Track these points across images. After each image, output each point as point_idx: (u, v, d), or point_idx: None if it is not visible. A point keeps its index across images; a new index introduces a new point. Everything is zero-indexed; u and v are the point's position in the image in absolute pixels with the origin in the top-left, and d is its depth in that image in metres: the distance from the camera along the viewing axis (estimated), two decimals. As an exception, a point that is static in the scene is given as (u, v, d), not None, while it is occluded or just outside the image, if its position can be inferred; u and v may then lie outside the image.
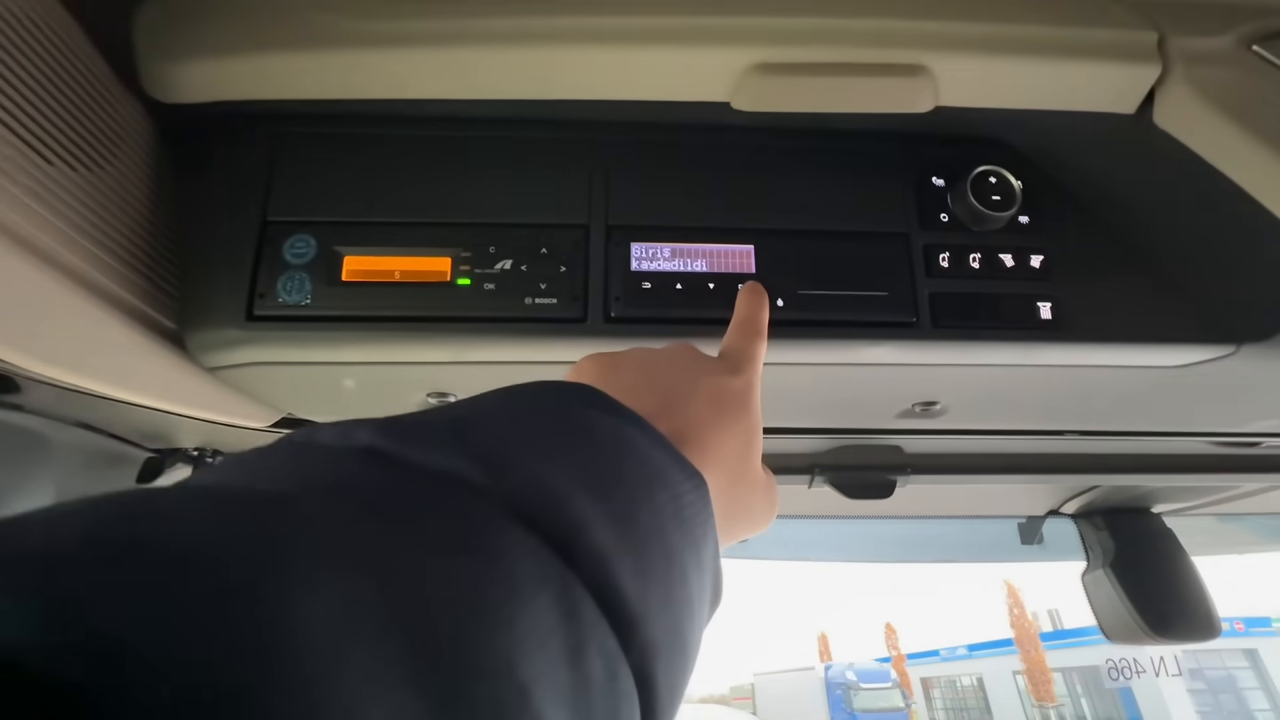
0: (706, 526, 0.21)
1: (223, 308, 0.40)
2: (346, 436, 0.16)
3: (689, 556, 0.19)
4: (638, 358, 0.29)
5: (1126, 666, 12.44)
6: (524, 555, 0.14)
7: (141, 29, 0.40)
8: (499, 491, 0.15)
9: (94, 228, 0.36)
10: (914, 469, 0.66)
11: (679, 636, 0.17)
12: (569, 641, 0.13)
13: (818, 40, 0.39)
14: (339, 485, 0.14)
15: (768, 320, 0.34)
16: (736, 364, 0.30)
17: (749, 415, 0.29)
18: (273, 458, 0.15)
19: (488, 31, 0.39)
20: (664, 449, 0.21)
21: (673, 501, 0.19)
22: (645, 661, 0.15)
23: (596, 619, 0.14)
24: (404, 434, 0.16)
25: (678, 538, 0.19)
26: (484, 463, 0.16)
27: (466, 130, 0.44)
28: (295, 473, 0.14)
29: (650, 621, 0.16)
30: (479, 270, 0.41)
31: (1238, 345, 0.43)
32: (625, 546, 0.16)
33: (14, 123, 0.32)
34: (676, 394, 0.27)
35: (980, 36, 0.40)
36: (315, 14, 0.40)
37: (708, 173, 0.44)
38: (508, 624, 0.12)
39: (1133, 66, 0.40)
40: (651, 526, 0.18)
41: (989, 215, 0.43)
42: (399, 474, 0.15)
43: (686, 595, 0.18)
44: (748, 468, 0.28)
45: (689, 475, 0.21)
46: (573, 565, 0.15)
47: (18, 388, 0.42)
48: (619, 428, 0.20)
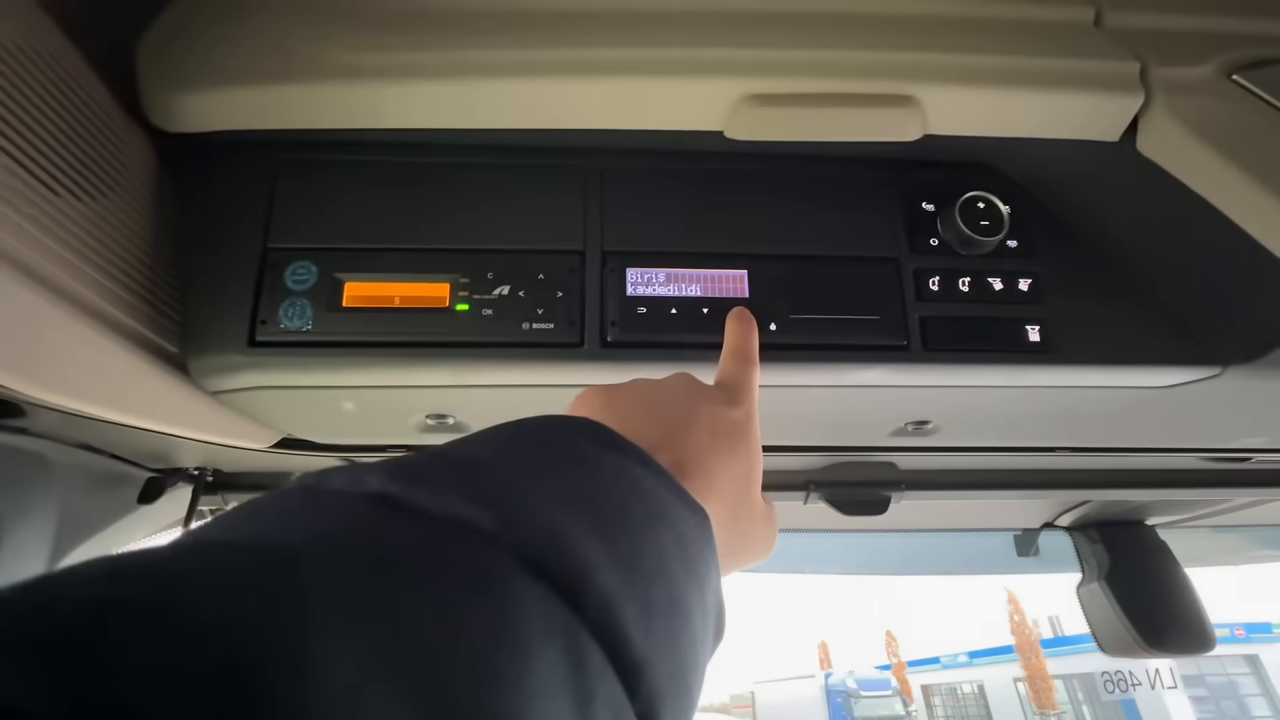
0: (710, 562, 0.21)
1: (225, 333, 0.40)
2: (358, 482, 0.16)
3: (693, 595, 0.19)
4: (638, 389, 0.29)
5: (1122, 679, 12.40)
6: (533, 605, 0.14)
7: (145, 60, 0.40)
8: (507, 538, 0.15)
9: (98, 255, 0.37)
10: (908, 485, 0.66)
11: (683, 678, 0.17)
12: (578, 694, 0.13)
13: (808, 72, 0.40)
14: (349, 536, 0.14)
15: (758, 345, 0.35)
16: (734, 394, 0.31)
17: (749, 444, 0.29)
18: (284, 505, 0.15)
19: (484, 64, 0.40)
20: (667, 484, 0.21)
21: (677, 540, 0.19)
22: (651, 708, 0.15)
23: (603, 667, 0.14)
24: (413, 478, 0.16)
25: (682, 577, 0.19)
26: (494, 509, 0.16)
27: (464, 157, 0.45)
28: (305, 523, 0.14)
29: (655, 666, 0.16)
30: (477, 296, 0.42)
31: (1224, 366, 0.43)
32: (631, 590, 0.16)
33: (21, 155, 0.32)
34: (677, 425, 0.27)
35: (966, 67, 0.41)
36: (315, 46, 0.40)
37: (702, 199, 0.45)
38: (518, 682, 0.12)
39: (1116, 96, 0.41)
40: (657, 567, 0.18)
41: (978, 240, 0.44)
42: (408, 522, 0.15)
43: (691, 635, 0.18)
44: (749, 497, 0.28)
45: (692, 511, 0.21)
46: (579, 612, 0.15)
47: (22, 412, 0.42)
48: (624, 465, 0.20)
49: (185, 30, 0.41)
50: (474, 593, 0.13)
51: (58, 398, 0.39)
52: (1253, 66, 0.42)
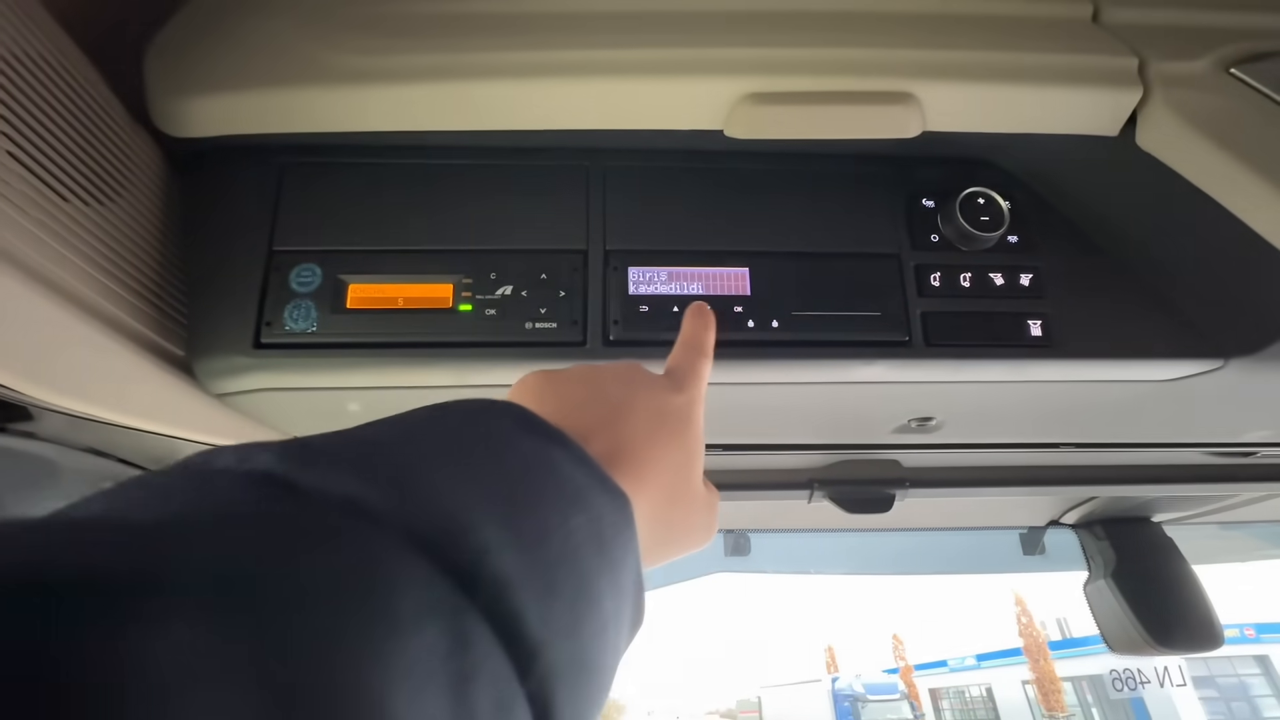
0: (628, 549, 0.21)
1: (231, 336, 0.41)
2: (245, 460, 0.15)
3: (604, 580, 0.19)
4: (580, 374, 0.29)
5: (1130, 677, 12.32)
6: (414, 585, 0.14)
7: (152, 66, 0.41)
8: (399, 518, 0.15)
9: (105, 260, 0.37)
10: (912, 483, 0.66)
11: (586, 661, 0.17)
12: (455, 672, 0.13)
13: (807, 70, 0.41)
14: (223, 514, 0.13)
15: (713, 341, 0.35)
16: (680, 381, 0.31)
17: (689, 432, 0.29)
18: (161, 483, 0.14)
19: (486, 66, 0.40)
20: (588, 470, 0.21)
21: (591, 524, 0.19)
22: (545, 689, 0.15)
23: (491, 648, 0.14)
24: (306, 457, 0.15)
25: (594, 561, 0.19)
26: (386, 488, 0.15)
27: (466, 159, 0.45)
28: (181, 500, 0.14)
29: (553, 648, 0.16)
30: (480, 296, 0.42)
31: (1226, 359, 0.44)
32: (532, 571, 0.16)
33: (32, 162, 0.33)
34: (617, 410, 0.27)
35: (965, 64, 0.41)
36: (319, 51, 0.41)
37: (702, 197, 0.45)
38: (383, 658, 0.12)
39: (1114, 91, 0.41)
40: (564, 551, 0.18)
41: (978, 235, 0.44)
42: (293, 501, 0.14)
43: (599, 619, 0.18)
44: (687, 484, 0.28)
45: (613, 497, 0.21)
46: (471, 593, 0.14)
47: (30, 416, 0.43)
48: (543, 449, 0.21)
49: (191, 37, 0.42)
50: (347, 571, 0.13)
51: (65, 401, 0.39)
52: (1251, 60, 0.42)
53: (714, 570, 1.02)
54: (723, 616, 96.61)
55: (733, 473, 0.68)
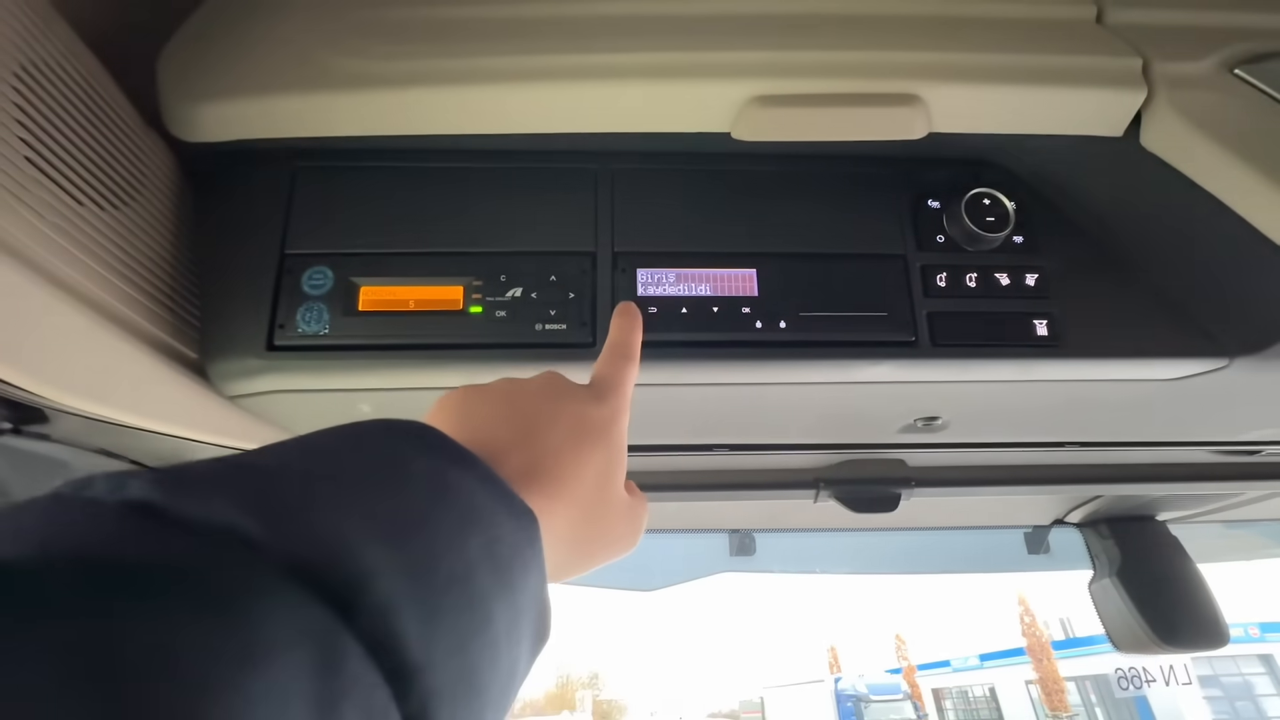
0: (529, 567, 0.21)
1: (244, 338, 0.41)
2: (118, 489, 0.15)
3: (498, 600, 0.19)
4: (500, 389, 0.29)
5: (1136, 676, 12.30)
6: (282, 612, 0.14)
7: (165, 72, 0.41)
8: (275, 546, 0.15)
9: (120, 263, 0.38)
10: (918, 482, 0.66)
11: (473, 681, 0.17)
12: (320, 696, 0.13)
13: (813, 73, 0.41)
14: (83, 546, 0.13)
15: (640, 344, 0.35)
16: (602, 391, 0.31)
17: (609, 443, 0.29)
18: (27, 514, 0.14)
19: (496, 70, 0.41)
20: (492, 489, 0.21)
21: (486, 546, 0.20)
22: (427, 710, 0.15)
23: (364, 671, 0.14)
24: (180, 486, 0.15)
25: (488, 582, 0.19)
26: (265, 515, 0.15)
27: (477, 162, 0.46)
28: (40, 531, 0.13)
29: (435, 669, 0.16)
30: (490, 298, 0.42)
31: (1230, 358, 0.44)
32: (415, 595, 0.16)
33: (48, 167, 0.33)
34: (533, 424, 0.27)
35: (970, 66, 0.41)
36: (330, 56, 0.41)
37: (710, 199, 0.46)
38: (238, 686, 0.12)
39: (1118, 92, 0.41)
40: (454, 573, 0.18)
41: (984, 236, 0.44)
42: (162, 531, 0.14)
43: (490, 638, 0.18)
44: (605, 495, 0.29)
45: (516, 514, 0.22)
46: (347, 618, 0.15)
47: (45, 418, 0.43)
48: (442, 470, 0.21)
49: (202, 43, 0.42)
50: (215, 603, 0.13)
51: (80, 403, 0.40)
52: (1254, 60, 0.42)
53: (719, 570, 1.02)
54: (725, 617, 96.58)
55: (739, 472, 0.69)
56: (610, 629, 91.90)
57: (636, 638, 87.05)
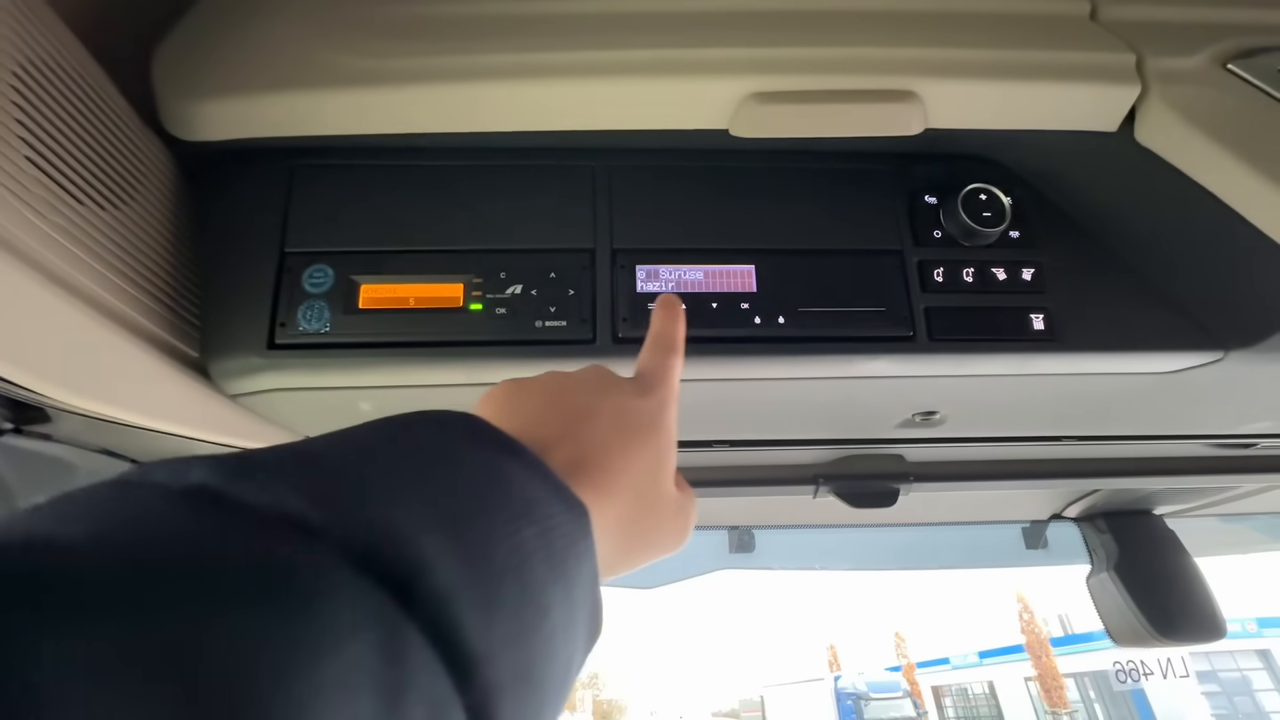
0: (583, 559, 0.21)
1: (245, 336, 0.41)
2: (181, 476, 0.15)
3: (555, 591, 0.19)
4: (546, 382, 0.29)
5: (1134, 669, 12.34)
6: (345, 599, 0.14)
7: (161, 71, 0.41)
8: (335, 533, 0.15)
9: (120, 262, 0.38)
10: (916, 477, 0.67)
11: (533, 673, 0.17)
12: (386, 686, 0.13)
13: (811, 69, 0.41)
14: (150, 531, 0.13)
15: (683, 336, 0.34)
16: (648, 384, 0.30)
17: (658, 436, 0.29)
18: (93, 498, 0.14)
19: (494, 67, 0.41)
20: (543, 480, 0.21)
21: (542, 535, 0.19)
22: (488, 702, 0.15)
23: (427, 661, 0.14)
24: (241, 473, 0.15)
25: (543, 572, 0.19)
26: (324, 502, 0.15)
27: (476, 160, 0.46)
28: (107, 515, 0.14)
29: (495, 660, 0.16)
30: (490, 295, 0.42)
31: (1225, 351, 0.44)
32: (473, 584, 0.16)
33: (48, 166, 0.33)
34: (582, 418, 0.27)
35: (966, 62, 0.42)
36: (328, 53, 0.42)
37: (708, 195, 0.46)
38: (306, 672, 0.12)
39: (1113, 87, 0.42)
40: (510, 563, 0.18)
41: (980, 231, 0.44)
42: (223, 516, 0.14)
43: (548, 631, 0.18)
44: (656, 490, 0.28)
45: (568, 506, 0.21)
46: (408, 606, 0.15)
47: (48, 418, 0.43)
48: (494, 460, 0.20)
49: (199, 41, 0.42)
50: (277, 587, 0.13)
51: (83, 402, 0.40)
52: (1247, 55, 0.43)
53: (719, 567, 1.03)
54: (725, 616, 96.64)
55: (738, 469, 0.69)
56: (610, 629, 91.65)
57: (636, 638, 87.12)
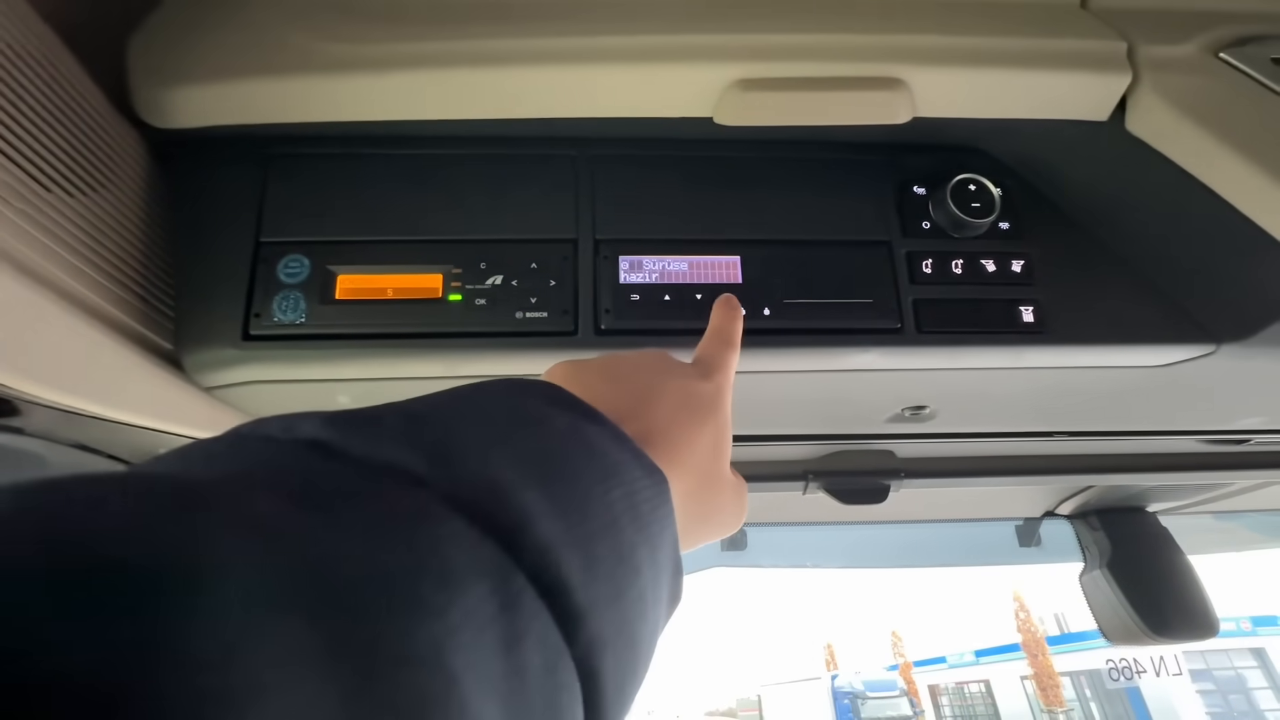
0: (665, 524, 0.21)
1: (219, 328, 0.40)
2: (291, 429, 0.16)
3: (643, 553, 0.19)
4: (608, 362, 0.29)
5: (1127, 667, 12.39)
6: (462, 546, 0.14)
7: (135, 56, 0.41)
8: (443, 484, 0.15)
9: (91, 251, 0.37)
10: (907, 473, 0.66)
11: (628, 632, 0.17)
12: (506, 632, 0.13)
13: (796, 56, 0.41)
14: (270, 475, 0.14)
15: (741, 332, 0.35)
16: (708, 369, 0.31)
17: (718, 418, 0.29)
18: (212, 448, 0.15)
19: (473, 54, 0.40)
20: (623, 445, 0.21)
21: (628, 498, 0.19)
22: (591, 655, 0.16)
23: (538, 611, 0.15)
24: (350, 426, 0.16)
25: (632, 533, 0.19)
26: (430, 455, 0.16)
27: (455, 148, 0.45)
28: (228, 463, 0.14)
29: (597, 615, 0.16)
30: (470, 286, 0.42)
31: (1217, 344, 0.44)
32: (573, 540, 0.16)
33: (12, 151, 0.32)
34: (645, 396, 0.27)
35: (954, 49, 0.41)
36: (304, 39, 0.41)
37: (693, 185, 0.45)
38: (438, 614, 0.12)
39: (1104, 76, 0.41)
40: (603, 521, 0.18)
41: (969, 222, 0.44)
42: (338, 465, 0.15)
43: (639, 591, 0.18)
44: (716, 470, 0.29)
45: (649, 472, 0.21)
46: (516, 557, 0.15)
47: (17, 411, 0.42)
48: (577, 423, 0.21)
49: (174, 27, 0.41)
50: (398, 530, 0.13)
51: (53, 394, 0.39)
52: (1238, 44, 0.42)
53: (711, 565, 1.02)
54: (721, 615, 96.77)
55: None
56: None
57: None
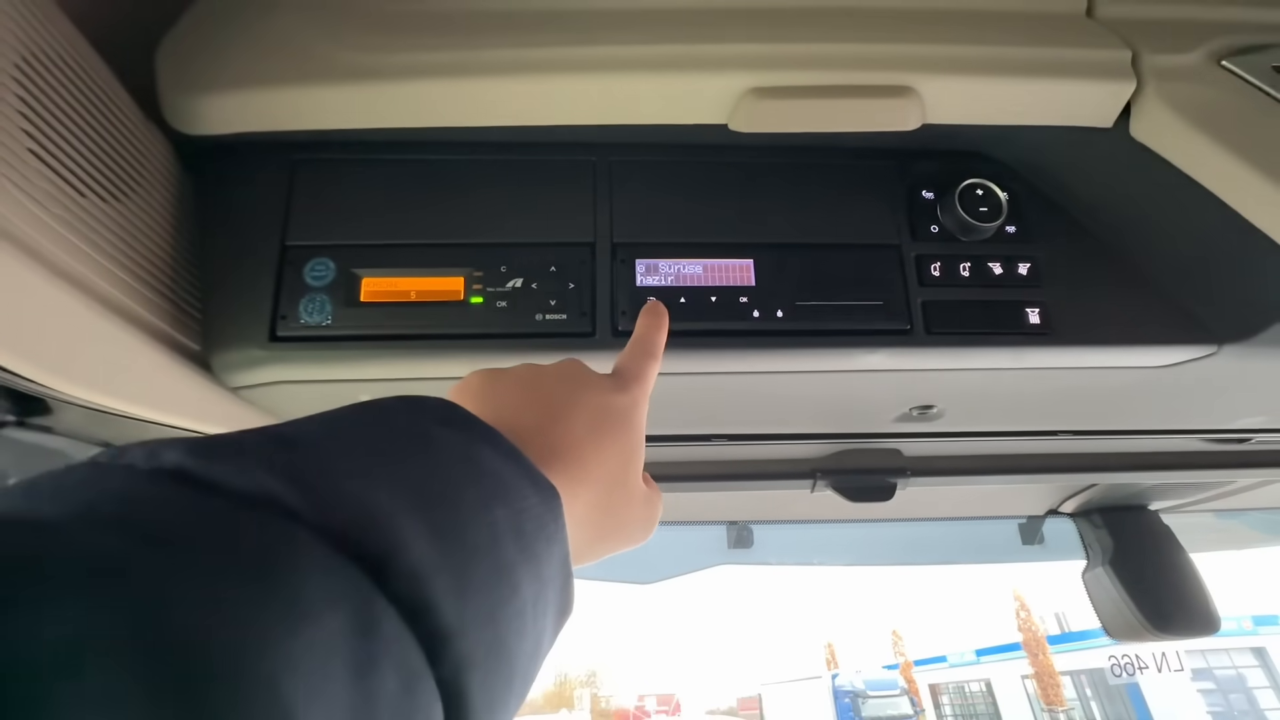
0: (553, 540, 0.22)
1: (247, 329, 0.41)
2: (154, 457, 0.15)
3: (524, 571, 0.20)
4: (522, 374, 0.30)
5: (1130, 664, 12.41)
6: (320, 576, 0.14)
7: (164, 64, 0.42)
8: (311, 512, 0.15)
9: (122, 255, 0.38)
10: (913, 471, 0.67)
11: (503, 649, 0.18)
12: (358, 658, 0.14)
13: (810, 65, 0.42)
14: (119, 510, 0.13)
15: (664, 342, 0.36)
16: (624, 381, 0.31)
17: (630, 432, 0.30)
18: (64, 480, 0.14)
19: (495, 62, 0.41)
20: (515, 464, 0.22)
21: (513, 517, 0.20)
22: (459, 675, 0.16)
23: (399, 634, 0.15)
24: (215, 454, 0.16)
25: (514, 552, 0.19)
26: (300, 483, 0.16)
27: (476, 154, 0.46)
28: (78, 495, 0.14)
29: (467, 636, 0.16)
30: (491, 289, 0.43)
31: (1219, 345, 0.45)
32: (447, 564, 0.17)
33: (50, 158, 0.33)
34: (557, 409, 0.28)
35: (963, 58, 0.42)
36: (329, 48, 0.42)
37: (707, 190, 0.46)
38: (276, 644, 0.12)
39: (1108, 83, 0.42)
40: (481, 542, 0.18)
41: (977, 226, 0.45)
42: (199, 496, 0.15)
43: (517, 609, 0.19)
44: (626, 481, 0.29)
45: (539, 490, 0.22)
46: (382, 583, 0.15)
47: (49, 410, 0.43)
48: (466, 444, 0.21)
49: (202, 35, 0.42)
50: (252, 564, 0.13)
51: (85, 393, 0.40)
52: (1242, 52, 0.43)
53: (718, 563, 1.03)
54: (722, 615, 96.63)
55: (737, 463, 0.69)
56: (607, 629, 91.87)
57: (633, 637, 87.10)
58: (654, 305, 0.37)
